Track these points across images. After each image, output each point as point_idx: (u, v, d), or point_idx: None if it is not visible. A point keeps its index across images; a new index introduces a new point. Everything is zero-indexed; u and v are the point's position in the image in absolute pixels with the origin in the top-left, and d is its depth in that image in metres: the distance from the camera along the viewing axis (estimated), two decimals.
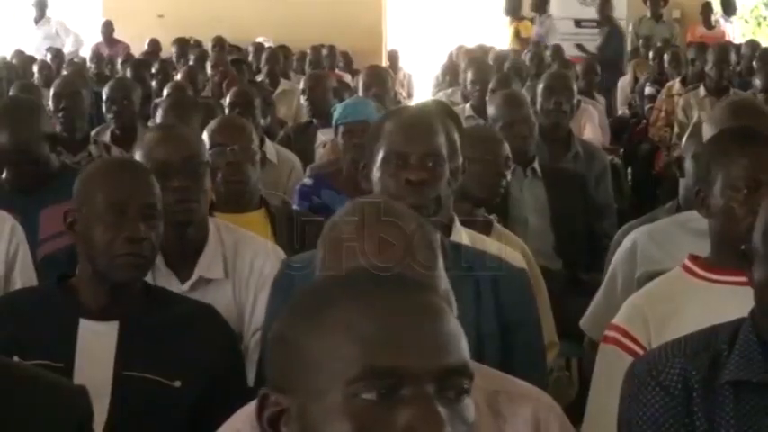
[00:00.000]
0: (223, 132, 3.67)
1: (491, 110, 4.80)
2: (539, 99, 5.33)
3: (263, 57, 9.01)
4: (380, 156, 2.58)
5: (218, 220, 3.19)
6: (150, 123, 5.67)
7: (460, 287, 2.37)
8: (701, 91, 7.12)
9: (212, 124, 3.76)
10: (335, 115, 4.64)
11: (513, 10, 12.83)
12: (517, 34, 12.67)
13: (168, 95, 5.86)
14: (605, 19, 12.33)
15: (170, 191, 2.83)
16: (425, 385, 1.29)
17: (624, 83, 9.99)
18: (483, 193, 3.68)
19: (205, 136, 3.70)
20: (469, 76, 6.91)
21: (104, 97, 5.65)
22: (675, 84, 7.83)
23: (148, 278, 2.73)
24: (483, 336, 2.42)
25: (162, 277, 2.93)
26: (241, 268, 3.03)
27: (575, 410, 2.51)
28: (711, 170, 2.57)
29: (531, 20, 12.77)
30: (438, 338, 1.32)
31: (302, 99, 6.40)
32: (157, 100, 6.12)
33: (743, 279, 2.08)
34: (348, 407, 1.28)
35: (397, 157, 2.55)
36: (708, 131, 3.27)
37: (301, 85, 6.54)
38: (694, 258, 2.59)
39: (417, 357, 1.29)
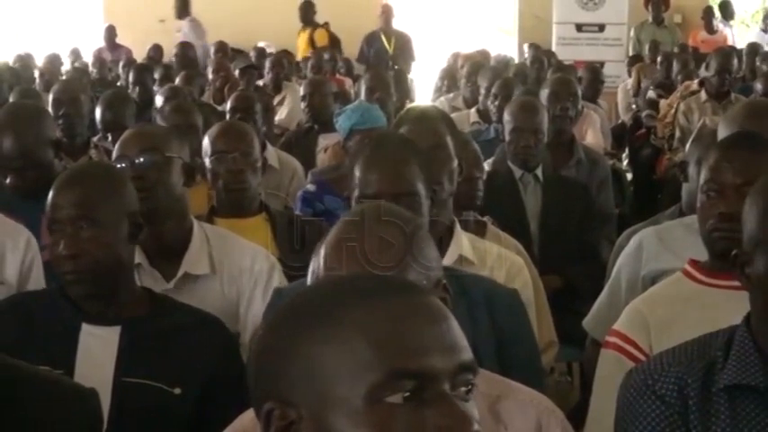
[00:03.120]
0: (224, 139, 3.64)
1: (506, 114, 4.77)
2: (544, 104, 5.31)
3: (268, 62, 8.96)
4: (356, 196, 2.59)
5: (204, 223, 3.19)
6: None
7: (454, 309, 2.37)
8: (702, 95, 7.13)
9: (213, 130, 3.74)
10: (350, 121, 4.55)
11: (305, 18, 12.66)
12: (311, 42, 12.43)
13: (167, 99, 5.84)
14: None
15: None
16: (443, 384, 1.29)
17: (626, 87, 9.97)
18: (461, 197, 3.67)
19: (206, 141, 3.70)
20: (482, 80, 6.87)
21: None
22: (694, 83, 7.79)
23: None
24: (480, 354, 2.41)
25: (146, 276, 2.93)
26: (229, 267, 3.04)
27: (577, 415, 2.51)
28: (699, 173, 2.63)
29: (325, 25, 12.56)
30: (451, 337, 1.33)
31: (302, 105, 6.39)
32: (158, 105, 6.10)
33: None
34: (372, 412, 1.27)
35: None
36: (722, 131, 3.26)
37: (301, 91, 6.53)
38: (694, 263, 2.59)
39: (438, 358, 1.29)
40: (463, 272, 2.64)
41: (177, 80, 7.71)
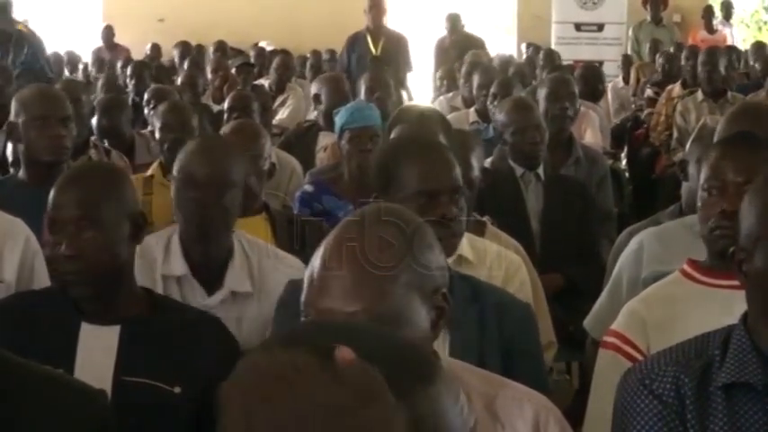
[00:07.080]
0: (234, 138, 3.67)
1: (501, 116, 4.77)
2: (543, 104, 5.32)
3: (274, 63, 8.92)
4: (407, 193, 2.61)
5: (241, 232, 3.16)
6: (149, 128, 5.70)
7: (464, 314, 2.38)
8: (699, 95, 7.15)
9: (227, 127, 3.77)
10: (340, 120, 4.56)
11: None
12: None
13: (150, 101, 5.87)
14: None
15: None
16: None
17: (616, 87, 9.96)
18: None
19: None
20: (476, 80, 6.86)
21: None
22: (676, 87, 7.83)
23: (175, 291, 2.77)
24: (486, 360, 2.42)
25: (190, 289, 2.95)
26: (269, 284, 3.02)
27: (575, 414, 2.51)
28: (700, 172, 2.64)
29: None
30: None
31: (322, 97, 6.18)
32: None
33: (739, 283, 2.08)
34: None
35: (429, 195, 2.60)
36: (720, 133, 3.26)
37: (313, 89, 6.42)
38: (693, 263, 2.59)
39: None
40: (478, 280, 2.65)
41: (179, 80, 7.73)
